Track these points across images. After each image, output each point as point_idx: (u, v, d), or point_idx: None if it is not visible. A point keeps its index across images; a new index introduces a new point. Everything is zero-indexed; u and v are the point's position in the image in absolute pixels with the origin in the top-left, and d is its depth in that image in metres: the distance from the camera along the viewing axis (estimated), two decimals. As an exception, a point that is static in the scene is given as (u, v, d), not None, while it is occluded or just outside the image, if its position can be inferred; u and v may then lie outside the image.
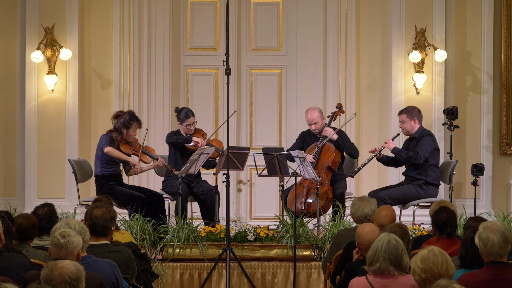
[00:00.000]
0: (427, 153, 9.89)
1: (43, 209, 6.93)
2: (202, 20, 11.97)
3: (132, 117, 9.76)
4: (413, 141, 10.08)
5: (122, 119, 9.71)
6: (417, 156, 9.86)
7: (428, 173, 9.92)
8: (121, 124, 9.70)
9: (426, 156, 9.88)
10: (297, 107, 11.82)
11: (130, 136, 9.78)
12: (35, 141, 11.36)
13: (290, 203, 9.91)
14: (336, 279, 6.85)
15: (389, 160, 10.21)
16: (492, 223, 5.44)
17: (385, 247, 5.36)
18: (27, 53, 11.32)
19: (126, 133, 9.73)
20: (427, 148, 9.91)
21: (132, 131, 9.76)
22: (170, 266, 9.17)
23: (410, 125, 10.06)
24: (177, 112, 10.24)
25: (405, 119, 10.06)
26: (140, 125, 9.88)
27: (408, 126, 10.06)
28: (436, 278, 4.90)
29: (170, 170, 9.90)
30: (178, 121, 10.19)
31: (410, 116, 10.05)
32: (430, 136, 10.01)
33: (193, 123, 10.14)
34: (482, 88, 11.49)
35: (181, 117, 10.14)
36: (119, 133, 9.72)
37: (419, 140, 9.98)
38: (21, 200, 11.50)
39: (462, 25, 11.49)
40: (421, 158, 9.86)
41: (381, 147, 10.07)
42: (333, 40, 11.67)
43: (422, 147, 9.92)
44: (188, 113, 10.15)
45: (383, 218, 7.02)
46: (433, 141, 10.00)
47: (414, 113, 10.07)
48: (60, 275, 4.64)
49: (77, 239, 5.49)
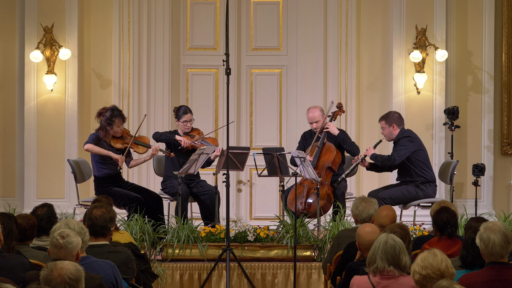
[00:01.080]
0: (403, 153, 9.84)
1: (42, 209, 6.93)
2: (202, 20, 11.96)
3: (113, 112, 9.63)
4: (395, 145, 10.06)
5: (104, 117, 9.63)
6: (391, 157, 9.86)
7: (419, 173, 9.89)
8: (104, 122, 9.63)
9: (402, 156, 9.84)
10: (297, 107, 11.82)
11: (116, 132, 9.69)
12: (34, 141, 11.35)
13: (290, 203, 9.90)
14: (336, 280, 6.85)
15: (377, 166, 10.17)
16: (493, 223, 5.44)
17: (382, 247, 5.39)
18: (26, 52, 11.31)
19: (111, 129, 9.64)
20: (403, 148, 9.86)
21: (116, 127, 9.65)
22: (170, 266, 9.16)
23: (389, 131, 10.02)
24: (175, 111, 10.20)
25: (383, 125, 10.04)
26: (124, 120, 9.72)
27: (387, 132, 10.04)
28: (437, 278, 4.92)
29: (168, 154, 9.88)
30: (176, 118, 10.16)
31: (388, 122, 10.00)
32: (406, 138, 9.94)
33: (190, 120, 10.10)
34: (483, 88, 11.50)
35: (179, 114, 10.12)
36: (104, 131, 9.64)
37: (397, 142, 9.97)
38: (20, 200, 11.49)
39: (463, 25, 11.50)
40: (395, 159, 9.84)
41: (362, 155, 10.02)
42: (334, 39, 11.67)
43: (397, 148, 9.91)
44: (186, 109, 10.14)
45: (384, 219, 7.03)
46: (410, 141, 9.93)
47: (392, 118, 10.00)
48: (59, 276, 4.64)
49: (76, 239, 5.49)
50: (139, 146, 9.78)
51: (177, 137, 10.02)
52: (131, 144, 9.72)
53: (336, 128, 10.18)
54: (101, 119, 9.65)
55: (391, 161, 9.84)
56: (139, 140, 9.81)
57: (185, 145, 9.94)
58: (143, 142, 9.81)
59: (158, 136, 10.11)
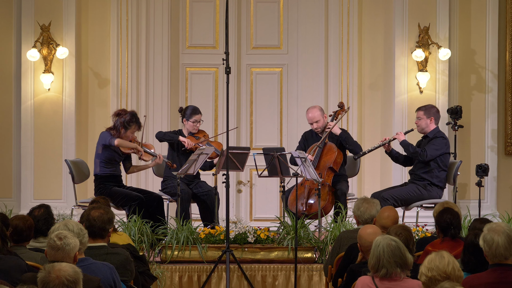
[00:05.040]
0: (435, 153, 9.84)
1: (39, 210, 6.94)
2: (201, 18, 11.95)
3: (132, 118, 9.66)
4: (425, 140, 10.03)
5: (122, 119, 9.63)
6: (424, 153, 9.81)
7: (434, 174, 9.88)
8: (120, 124, 9.63)
9: (433, 156, 9.83)
10: (298, 106, 11.81)
11: (127, 137, 9.69)
12: (31, 141, 11.32)
13: (291, 204, 9.89)
14: (338, 282, 6.84)
15: (397, 156, 10.13)
16: (496, 224, 5.44)
17: (387, 251, 5.37)
18: (23, 51, 11.27)
19: (124, 133, 9.64)
20: (437, 148, 9.86)
21: (130, 132, 9.68)
22: (169, 268, 9.14)
23: (425, 123, 9.99)
24: (181, 111, 10.15)
25: (421, 116, 10.02)
26: (140, 128, 9.78)
27: (423, 124, 10.00)
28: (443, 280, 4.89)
29: (170, 165, 9.85)
30: (184, 117, 10.14)
31: (428, 114, 10.00)
32: (443, 139, 9.97)
33: (199, 120, 10.12)
34: (486, 87, 11.51)
35: (188, 113, 10.13)
36: (117, 132, 9.62)
37: (432, 139, 9.90)
38: (17, 201, 11.46)
39: (466, 23, 11.50)
40: (427, 155, 9.81)
41: (391, 138, 10.02)
42: (335, 38, 11.65)
43: (431, 146, 9.87)
44: (196, 109, 10.17)
45: (386, 220, 7.03)
46: (445, 144, 9.95)
47: (432, 111, 10.03)
48: (57, 278, 4.64)
49: (74, 241, 5.48)
50: (146, 153, 9.76)
51: (181, 138, 10.02)
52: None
53: (338, 127, 10.13)
54: (117, 119, 9.65)
55: (422, 157, 9.82)
56: (146, 147, 9.82)
57: (188, 146, 9.92)
58: (150, 150, 9.81)
59: (161, 136, 10.11)
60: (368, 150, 9.98)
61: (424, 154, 9.81)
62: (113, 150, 9.67)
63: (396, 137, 10.01)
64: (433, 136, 9.95)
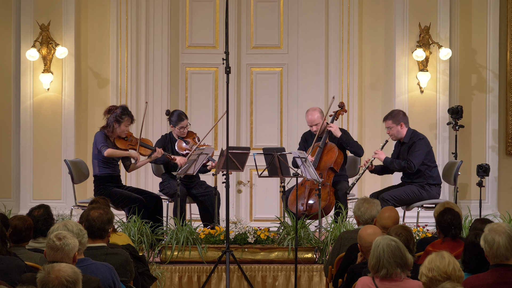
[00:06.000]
0: (420, 158, 9.78)
1: (38, 210, 6.93)
2: (201, 17, 11.96)
3: (124, 111, 9.66)
4: (404, 146, 9.95)
5: (114, 114, 9.64)
6: (410, 165, 9.76)
7: (428, 175, 9.85)
8: (113, 119, 9.64)
9: (419, 162, 9.78)
10: (298, 106, 11.80)
11: (122, 132, 9.69)
12: (30, 141, 11.32)
13: (291, 204, 9.88)
14: (338, 283, 6.84)
15: (382, 168, 10.08)
16: (497, 224, 5.44)
17: (387, 252, 5.36)
18: (22, 51, 11.26)
19: (118, 128, 9.63)
20: (419, 153, 9.80)
21: (124, 126, 9.66)
22: (169, 269, 9.13)
23: (396, 130, 9.92)
24: (168, 115, 10.17)
25: (391, 125, 9.92)
26: (133, 121, 9.79)
27: (395, 132, 9.93)
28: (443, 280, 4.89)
29: (170, 158, 9.85)
30: (171, 124, 10.14)
31: (396, 121, 9.90)
32: (421, 140, 9.88)
33: (186, 126, 10.09)
34: (487, 86, 11.51)
35: (174, 120, 10.10)
36: (111, 128, 9.63)
37: (411, 145, 9.85)
38: (16, 201, 11.45)
39: (467, 22, 11.49)
40: (414, 166, 9.75)
41: (371, 158, 9.95)
42: (335, 37, 11.65)
43: (414, 154, 9.80)
44: (181, 115, 10.12)
45: (386, 220, 7.02)
46: (425, 144, 9.87)
47: (399, 117, 9.92)
48: (57, 278, 4.63)
49: (73, 241, 5.47)
50: (144, 148, 9.75)
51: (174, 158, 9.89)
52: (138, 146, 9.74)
53: (339, 129, 10.12)
54: (109, 116, 9.64)
55: (410, 169, 9.77)
56: (144, 142, 9.82)
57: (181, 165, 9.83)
58: (148, 144, 9.81)
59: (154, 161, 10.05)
60: (356, 180, 9.95)
61: (412, 165, 9.74)
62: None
63: (376, 156, 9.91)
64: (410, 142, 9.86)
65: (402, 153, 9.92)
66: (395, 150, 10.09)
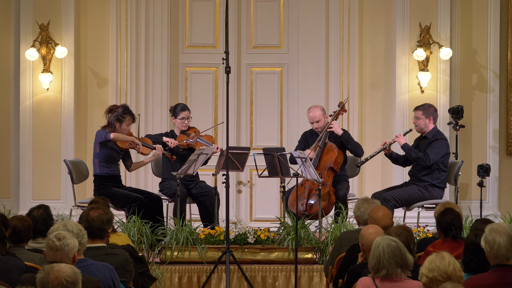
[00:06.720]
0: (437, 157, 9.83)
1: (38, 210, 6.93)
2: (201, 17, 11.95)
3: (125, 110, 9.67)
4: (425, 140, 10.01)
5: (115, 113, 9.65)
6: (427, 158, 9.78)
7: (435, 175, 9.86)
8: (114, 118, 9.65)
9: (435, 159, 9.81)
10: (298, 106, 11.80)
11: (123, 131, 9.69)
12: (30, 141, 11.31)
13: (291, 204, 9.88)
14: (338, 283, 6.84)
15: (397, 158, 10.10)
16: (498, 225, 5.44)
17: (387, 252, 5.36)
18: (22, 50, 11.26)
19: (119, 127, 9.64)
20: (439, 152, 9.85)
21: (125, 125, 9.68)
22: (168, 269, 9.13)
23: (424, 123, 9.97)
24: (171, 109, 10.16)
25: (420, 116, 9.98)
26: (134, 120, 9.79)
27: (422, 123, 9.98)
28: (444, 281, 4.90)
29: (169, 157, 9.86)
30: (173, 115, 10.16)
31: (426, 113, 9.97)
32: (444, 141, 9.95)
33: (188, 117, 10.09)
34: (488, 86, 11.51)
35: (177, 110, 10.13)
36: (112, 127, 9.62)
37: (432, 142, 9.89)
38: (16, 202, 11.45)
39: (468, 22, 11.49)
40: (430, 160, 9.79)
41: (391, 141, 9.98)
42: (336, 37, 11.65)
43: (433, 150, 9.84)
44: (184, 106, 10.17)
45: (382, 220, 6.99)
46: (446, 145, 9.93)
47: (430, 111, 10.00)
48: (56, 278, 4.64)
49: (72, 241, 5.47)
50: (144, 147, 9.74)
51: (164, 139, 10.01)
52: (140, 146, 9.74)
53: (340, 128, 10.11)
54: (110, 115, 9.65)
55: (425, 162, 9.81)
56: (144, 141, 9.82)
57: (172, 145, 9.90)
58: (148, 143, 9.82)
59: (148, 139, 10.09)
60: (370, 156, 9.95)
61: (427, 159, 9.78)
62: (111, 148, 9.66)
63: (396, 140, 9.97)
64: (432, 138, 9.92)
65: (421, 146, 9.97)
66: (413, 143, 10.13)
